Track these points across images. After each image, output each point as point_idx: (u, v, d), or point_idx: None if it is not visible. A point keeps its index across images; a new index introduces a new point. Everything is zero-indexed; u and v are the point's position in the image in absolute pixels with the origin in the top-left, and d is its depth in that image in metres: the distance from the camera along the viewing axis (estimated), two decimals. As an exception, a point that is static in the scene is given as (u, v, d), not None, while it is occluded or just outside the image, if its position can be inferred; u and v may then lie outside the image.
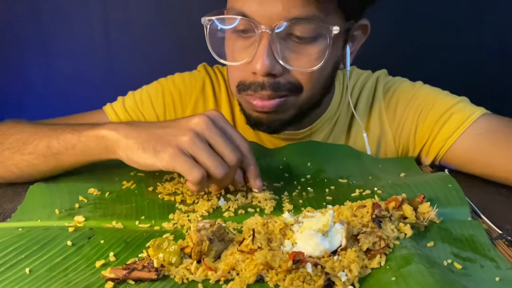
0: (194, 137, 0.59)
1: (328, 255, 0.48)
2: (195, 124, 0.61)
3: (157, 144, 0.60)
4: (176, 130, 0.61)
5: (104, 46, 1.38)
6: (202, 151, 0.59)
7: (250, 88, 0.75)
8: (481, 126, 0.79)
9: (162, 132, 0.61)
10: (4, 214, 0.63)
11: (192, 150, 0.59)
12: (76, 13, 1.35)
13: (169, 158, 0.58)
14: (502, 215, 0.62)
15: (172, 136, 0.60)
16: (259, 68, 0.71)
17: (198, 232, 0.50)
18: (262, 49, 0.71)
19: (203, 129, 0.60)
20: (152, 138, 0.60)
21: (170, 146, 0.59)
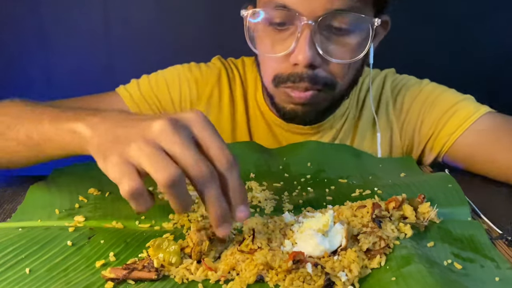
0: (144, 144, 0.46)
1: (328, 255, 0.48)
2: (153, 129, 0.47)
3: (107, 149, 0.49)
4: (131, 134, 0.48)
5: (104, 46, 1.38)
6: (147, 159, 0.46)
7: (289, 80, 0.76)
8: (485, 123, 0.80)
9: (121, 132, 0.49)
10: (4, 214, 0.63)
11: (137, 159, 0.46)
12: (76, 13, 1.35)
13: (112, 169, 0.47)
14: (502, 215, 0.62)
15: (124, 141, 0.48)
16: (301, 59, 0.72)
17: (198, 232, 0.50)
18: (304, 40, 0.72)
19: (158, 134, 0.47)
20: (108, 139, 0.49)
21: (115, 155, 0.47)
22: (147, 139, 0.46)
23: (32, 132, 0.60)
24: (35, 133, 0.60)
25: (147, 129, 0.47)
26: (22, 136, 0.61)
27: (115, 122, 0.51)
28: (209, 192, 0.46)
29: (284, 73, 0.76)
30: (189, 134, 0.47)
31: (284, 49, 0.74)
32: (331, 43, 0.74)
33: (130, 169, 0.46)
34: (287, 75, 0.76)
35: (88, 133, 0.53)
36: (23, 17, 1.34)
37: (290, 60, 0.74)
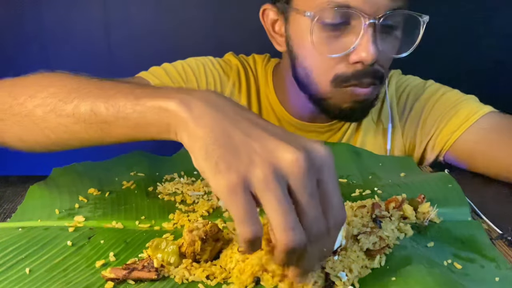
0: (272, 177, 0.39)
1: (328, 255, 0.48)
2: (285, 160, 0.40)
3: (224, 157, 0.41)
4: (259, 150, 0.40)
5: (104, 46, 1.38)
6: (274, 199, 0.39)
7: (353, 77, 0.77)
8: (487, 122, 0.81)
9: (241, 140, 0.41)
10: (4, 214, 0.63)
11: (261, 192, 0.40)
12: (76, 13, 1.34)
13: (225, 189, 0.40)
14: (502, 215, 0.62)
15: (248, 157, 0.40)
16: (365, 57, 0.73)
17: (190, 232, 0.50)
18: (368, 38, 0.73)
19: (291, 173, 0.40)
20: (224, 143, 0.41)
21: (235, 173, 0.40)
22: (276, 171, 0.39)
23: (99, 107, 0.50)
24: (104, 109, 0.50)
25: (278, 156, 0.40)
26: (83, 112, 0.51)
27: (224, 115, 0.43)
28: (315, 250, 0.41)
29: (346, 72, 0.77)
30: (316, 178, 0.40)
31: (342, 48, 0.75)
32: (387, 40, 0.76)
33: (254, 208, 0.40)
34: (350, 74, 0.77)
35: (185, 115, 0.44)
36: (23, 17, 1.34)
37: (350, 58, 0.75)
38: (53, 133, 0.55)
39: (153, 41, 1.38)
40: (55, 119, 0.54)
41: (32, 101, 0.56)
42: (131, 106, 0.48)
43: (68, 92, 0.53)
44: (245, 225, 0.40)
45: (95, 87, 0.53)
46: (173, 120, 0.45)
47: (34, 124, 0.56)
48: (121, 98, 0.49)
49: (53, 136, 0.55)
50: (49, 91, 0.55)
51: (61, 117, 0.53)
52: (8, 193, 0.70)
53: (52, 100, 0.54)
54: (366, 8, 0.72)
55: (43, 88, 0.56)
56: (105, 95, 0.51)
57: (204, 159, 0.41)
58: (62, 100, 0.53)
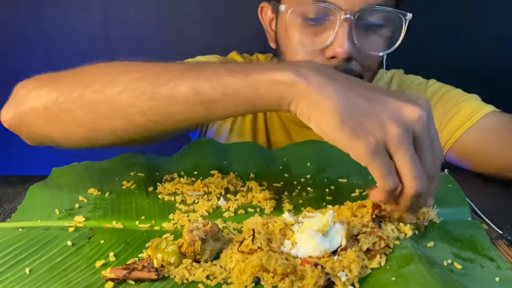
0: (404, 134, 0.46)
1: (328, 255, 0.48)
2: (411, 115, 0.47)
3: (358, 124, 0.46)
4: (385, 112, 0.46)
5: (104, 46, 1.37)
6: (407, 155, 0.47)
7: None
8: (489, 121, 0.81)
9: (367, 106, 0.47)
10: (4, 214, 0.63)
11: (395, 150, 0.46)
12: (76, 13, 1.34)
13: (366, 153, 0.46)
14: (502, 215, 0.62)
15: (379, 121, 0.46)
16: (340, 52, 0.73)
17: (190, 232, 0.50)
18: (343, 33, 0.72)
19: (418, 126, 0.47)
20: (355, 112, 0.46)
21: (373, 136, 0.46)
22: (405, 129, 0.46)
23: (203, 86, 0.51)
24: (209, 88, 0.51)
25: (402, 115, 0.46)
26: (183, 92, 0.51)
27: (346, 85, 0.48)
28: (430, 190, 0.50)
29: None
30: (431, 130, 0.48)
31: (319, 43, 0.75)
32: (366, 37, 0.76)
33: (390, 163, 0.47)
34: None
35: (304, 87, 0.47)
36: (23, 17, 1.34)
37: (326, 53, 0.75)
38: (143, 117, 0.54)
39: (153, 41, 1.38)
40: (146, 103, 0.53)
41: (113, 87, 0.55)
42: (241, 82, 0.49)
43: (157, 75, 0.53)
44: (388, 179, 0.47)
45: (183, 68, 0.53)
46: (289, 92, 0.48)
47: (116, 111, 0.55)
48: (225, 76, 0.50)
49: (142, 121, 0.54)
50: (132, 76, 0.54)
51: (154, 100, 0.53)
52: (8, 193, 0.70)
53: (140, 84, 0.53)
54: (342, 3, 0.72)
55: (122, 73, 0.55)
56: (203, 74, 0.51)
57: (340, 128, 0.46)
58: (153, 83, 0.53)
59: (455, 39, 1.34)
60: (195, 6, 1.34)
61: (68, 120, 0.58)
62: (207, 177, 0.71)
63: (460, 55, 1.34)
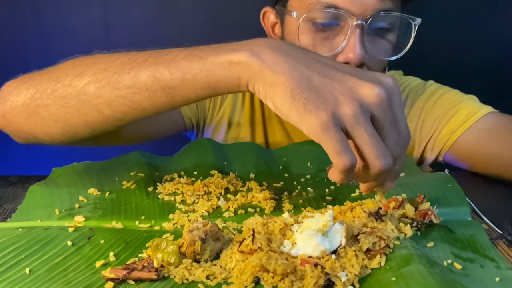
0: (359, 112, 0.45)
1: (328, 255, 0.48)
2: (368, 94, 0.45)
3: (310, 98, 0.45)
4: (339, 89, 0.45)
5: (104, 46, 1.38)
6: (365, 132, 0.45)
7: None
8: (487, 122, 0.81)
9: (320, 81, 0.46)
10: (4, 214, 0.63)
11: (352, 127, 0.45)
12: (76, 13, 1.34)
13: (318, 127, 0.44)
14: (502, 215, 0.62)
15: (332, 96, 0.45)
16: (352, 58, 0.73)
17: (190, 232, 0.50)
18: (355, 39, 0.73)
19: (376, 106, 0.45)
20: (307, 87, 0.45)
21: (324, 111, 0.44)
22: (362, 107, 0.45)
23: (162, 73, 0.51)
24: (168, 74, 0.51)
25: (359, 93, 0.45)
26: (144, 80, 0.52)
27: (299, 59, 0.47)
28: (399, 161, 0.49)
29: None
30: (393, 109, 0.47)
31: (331, 48, 0.75)
32: (377, 42, 0.76)
33: (345, 140, 0.45)
34: None
35: (258, 66, 0.47)
36: (23, 17, 1.34)
37: (338, 59, 0.75)
38: (109, 107, 0.55)
39: (153, 41, 1.37)
40: (111, 92, 0.54)
41: (81, 79, 0.56)
42: (198, 66, 0.49)
43: (121, 64, 0.54)
44: (342, 155, 0.44)
45: (148, 56, 0.53)
46: (245, 73, 0.48)
47: (85, 103, 0.56)
48: (183, 61, 0.50)
49: (109, 111, 0.56)
50: (98, 67, 0.55)
51: (119, 89, 0.54)
52: (8, 193, 0.70)
53: (105, 75, 0.54)
54: (354, 8, 0.72)
55: (89, 66, 0.56)
56: (164, 61, 0.52)
57: (291, 103, 0.45)
58: (117, 73, 0.54)
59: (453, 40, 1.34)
60: (195, 6, 1.34)
61: (45, 115, 0.59)
62: (207, 177, 0.71)
63: (459, 56, 1.34)
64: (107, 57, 0.57)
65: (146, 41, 1.38)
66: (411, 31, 0.76)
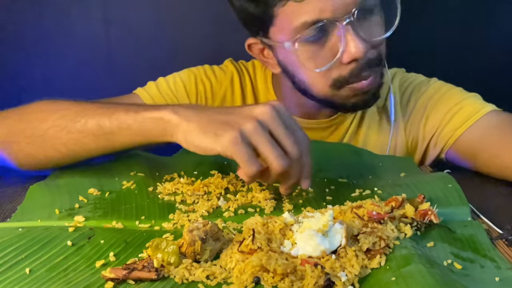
0: (258, 126, 0.57)
1: (328, 255, 0.48)
2: (259, 113, 0.59)
3: (218, 128, 0.58)
4: (239, 117, 0.59)
5: (104, 46, 1.37)
6: (264, 141, 0.57)
7: (350, 77, 0.78)
8: (490, 120, 0.81)
9: (224, 118, 0.59)
10: (4, 214, 0.63)
11: (254, 139, 0.57)
12: (76, 14, 1.34)
13: (229, 143, 0.57)
14: (502, 215, 0.62)
15: (235, 122, 0.58)
16: (357, 54, 0.74)
17: (190, 232, 0.50)
18: (351, 36, 0.74)
19: (267, 119, 0.58)
20: (213, 122, 0.59)
21: (232, 131, 0.57)
22: (259, 122, 0.57)
23: (104, 122, 0.65)
24: (108, 123, 0.65)
25: (254, 114, 0.58)
26: (91, 127, 0.66)
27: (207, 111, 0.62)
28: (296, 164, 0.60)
29: (343, 74, 0.78)
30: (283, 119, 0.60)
31: (332, 55, 0.76)
32: (369, 27, 0.76)
33: (251, 151, 0.57)
34: (347, 74, 0.77)
35: (176, 120, 0.61)
36: (23, 17, 1.34)
37: (343, 60, 0.76)
38: (65, 147, 0.68)
39: (153, 41, 1.38)
40: (67, 135, 0.68)
41: (45, 124, 0.69)
42: (132, 118, 0.64)
43: (76, 113, 0.67)
44: (248, 164, 0.57)
45: (97, 107, 0.68)
46: (168, 126, 0.62)
47: (46, 142, 0.69)
48: (122, 113, 0.65)
49: (64, 150, 0.69)
50: (59, 114, 0.68)
51: (72, 133, 0.67)
52: (8, 193, 0.70)
53: (63, 121, 0.68)
54: (338, 14, 0.73)
55: (52, 112, 0.69)
56: (108, 112, 0.66)
57: (203, 137, 0.59)
58: (72, 120, 0.67)
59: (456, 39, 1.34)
60: (195, 6, 1.34)
61: (16, 150, 0.72)
62: (207, 177, 0.71)
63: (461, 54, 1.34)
64: (66, 105, 0.70)
65: (146, 41, 1.39)
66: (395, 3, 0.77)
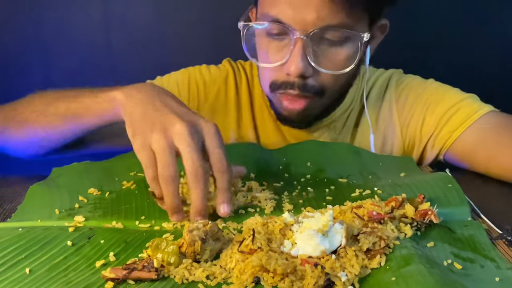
0: (162, 138, 0.58)
1: (328, 255, 0.48)
2: (173, 128, 0.58)
3: (137, 127, 0.61)
4: (160, 122, 0.59)
5: (104, 46, 1.38)
6: (161, 149, 0.58)
7: (281, 87, 0.80)
8: (487, 121, 0.81)
9: (151, 115, 0.61)
10: (4, 214, 0.63)
11: (154, 147, 0.58)
12: (76, 13, 1.34)
13: (136, 147, 0.60)
14: (502, 215, 0.62)
15: (151, 127, 0.59)
16: (293, 70, 0.75)
17: (190, 232, 0.50)
18: (296, 52, 0.75)
19: (176, 137, 0.58)
20: (139, 118, 0.61)
21: (142, 136, 0.59)
22: (166, 135, 0.58)
23: (71, 105, 0.70)
24: (74, 104, 0.70)
25: (170, 125, 0.59)
26: (61, 110, 0.71)
27: (148, 98, 0.63)
28: (198, 186, 0.58)
29: (278, 81, 0.80)
30: (199, 140, 0.59)
31: (279, 58, 0.77)
32: (323, 55, 0.76)
33: (152, 158, 0.58)
34: (280, 82, 0.79)
35: (123, 100, 0.64)
36: (23, 17, 1.34)
37: (283, 69, 0.77)
38: (43, 130, 0.74)
39: (153, 40, 1.38)
40: (44, 119, 0.74)
41: (28, 109, 0.77)
42: (92, 99, 0.68)
43: (52, 98, 0.75)
44: (148, 169, 0.59)
45: (71, 93, 0.74)
46: (117, 105, 0.65)
47: (29, 125, 0.76)
48: (86, 96, 0.70)
49: (43, 133, 0.75)
50: (40, 101, 0.76)
51: (47, 116, 0.73)
52: (8, 193, 0.70)
53: (42, 106, 0.75)
54: (293, 23, 0.73)
55: (35, 100, 0.77)
56: (76, 96, 0.71)
57: (127, 129, 0.62)
58: (48, 104, 0.74)
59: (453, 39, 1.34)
60: (195, 7, 1.34)
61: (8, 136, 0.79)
62: (207, 177, 0.71)
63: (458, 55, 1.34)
64: (50, 93, 0.77)
65: (146, 41, 1.39)
66: (359, 45, 0.76)
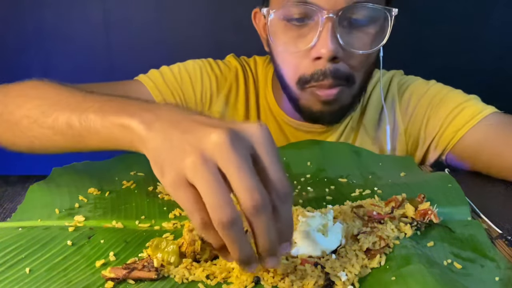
0: (200, 162, 0.41)
1: (328, 255, 0.48)
2: (209, 141, 0.41)
3: (165, 160, 0.43)
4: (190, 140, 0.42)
5: (104, 46, 1.38)
6: (205, 184, 0.40)
7: (312, 79, 0.77)
8: (490, 122, 0.81)
9: (177, 140, 0.43)
10: (4, 213, 0.63)
11: (193, 180, 0.41)
12: (76, 13, 1.35)
13: (171, 188, 0.43)
14: (502, 215, 0.62)
15: (181, 152, 0.42)
16: (324, 52, 0.73)
17: (190, 232, 0.50)
18: (326, 33, 0.73)
19: (216, 152, 0.41)
20: (163, 149, 0.44)
21: (173, 170, 0.42)
22: (202, 155, 0.41)
23: (74, 122, 0.55)
24: (78, 123, 0.55)
25: (204, 140, 0.41)
26: (61, 125, 0.56)
27: (172, 124, 0.45)
28: (260, 223, 0.41)
29: (306, 74, 0.78)
30: (248, 152, 0.42)
31: (304, 44, 0.75)
32: (352, 35, 0.75)
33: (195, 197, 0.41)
34: (310, 74, 0.77)
35: (143, 132, 0.47)
36: (23, 17, 1.34)
37: (311, 54, 0.75)
38: (37, 140, 0.61)
39: (153, 41, 1.38)
40: (38, 130, 0.60)
41: (19, 111, 0.62)
42: (101, 122, 0.52)
43: (49, 105, 0.59)
44: (194, 215, 0.42)
45: (74, 99, 0.57)
46: (135, 137, 0.48)
47: (21, 132, 0.62)
48: (92, 114, 0.53)
49: (38, 143, 0.62)
50: (34, 103, 0.60)
51: (43, 128, 0.59)
52: (8, 193, 0.70)
53: (35, 112, 0.60)
54: (323, 3, 0.72)
55: (29, 99, 0.62)
56: (79, 110, 0.55)
57: (154, 169, 0.45)
58: (44, 113, 0.58)
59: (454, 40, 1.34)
60: (195, 7, 1.34)
61: None
62: (207, 177, 0.71)
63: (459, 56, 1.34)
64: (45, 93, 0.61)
65: (146, 41, 1.39)
66: (388, 22, 0.76)
